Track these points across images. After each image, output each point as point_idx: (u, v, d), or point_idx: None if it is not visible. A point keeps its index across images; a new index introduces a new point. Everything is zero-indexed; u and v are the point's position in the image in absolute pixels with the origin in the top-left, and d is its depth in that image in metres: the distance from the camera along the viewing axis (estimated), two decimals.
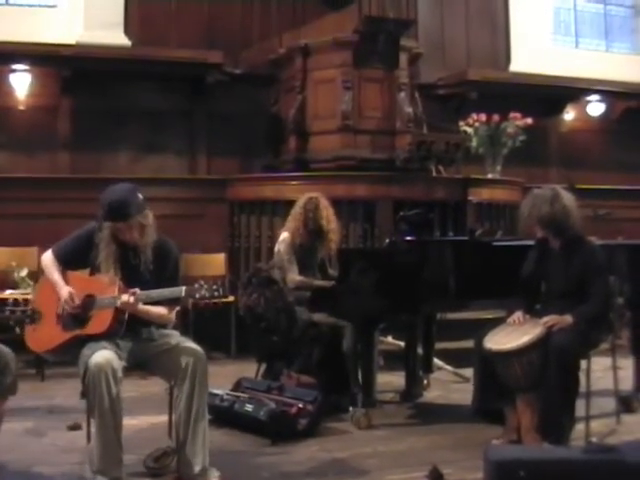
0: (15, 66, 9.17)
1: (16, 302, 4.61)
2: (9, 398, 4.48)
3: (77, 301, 4.53)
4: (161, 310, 4.64)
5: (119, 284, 4.51)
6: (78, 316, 4.53)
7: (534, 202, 5.17)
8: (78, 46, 9.29)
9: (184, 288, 4.45)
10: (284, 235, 6.64)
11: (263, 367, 6.55)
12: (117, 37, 9.68)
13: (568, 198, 5.20)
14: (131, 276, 4.57)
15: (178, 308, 4.81)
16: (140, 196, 4.60)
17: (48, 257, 4.77)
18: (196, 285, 4.42)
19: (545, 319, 5.06)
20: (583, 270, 5.12)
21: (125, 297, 4.42)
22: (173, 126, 9.94)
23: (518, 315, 5.24)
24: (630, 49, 12.71)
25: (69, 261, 4.71)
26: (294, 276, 6.44)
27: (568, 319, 5.02)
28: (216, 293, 4.42)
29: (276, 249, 6.68)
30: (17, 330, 4.98)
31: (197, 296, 4.45)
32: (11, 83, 9.28)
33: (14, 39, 8.85)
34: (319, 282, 6.47)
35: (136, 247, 4.61)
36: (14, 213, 8.28)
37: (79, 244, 4.70)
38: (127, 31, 9.84)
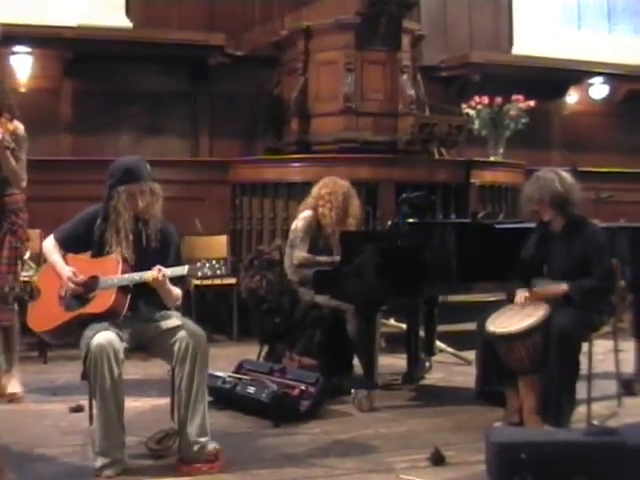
0: (16, 48, 9.14)
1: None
2: None
3: (80, 276, 4.54)
4: (178, 291, 4.68)
5: (122, 265, 4.52)
6: (80, 296, 4.54)
7: (542, 183, 5.17)
8: (80, 28, 9.26)
9: (187, 267, 4.45)
10: (307, 213, 6.53)
11: (265, 349, 6.57)
12: (119, 19, 9.68)
13: (570, 177, 5.25)
14: (141, 257, 4.59)
15: None
16: (148, 166, 4.67)
17: (49, 242, 4.79)
18: (198, 264, 4.41)
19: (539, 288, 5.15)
20: (584, 251, 5.13)
21: (154, 273, 4.43)
22: (175, 108, 9.93)
23: (524, 294, 5.23)
24: (633, 31, 12.67)
25: (70, 244, 4.73)
26: (299, 253, 6.36)
27: (564, 287, 5.07)
28: (218, 271, 4.41)
29: (294, 226, 6.57)
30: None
31: (199, 274, 4.45)
32: (12, 65, 9.25)
33: (15, 21, 8.82)
34: (322, 258, 6.38)
35: (147, 222, 4.62)
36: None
37: (80, 228, 4.72)
38: (129, 13, 9.83)
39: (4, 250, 5.69)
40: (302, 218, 6.49)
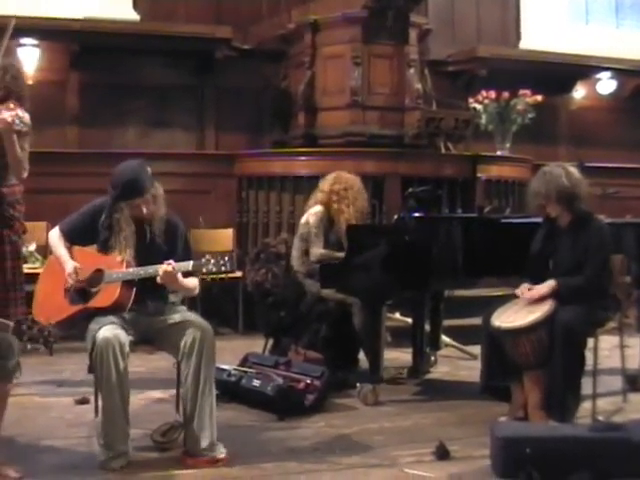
0: (23, 40, 9.13)
1: (34, 321, 4.62)
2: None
3: (80, 276, 4.56)
4: (194, 280, 4.69)
5: (127, 260, 4.53)
6: (85, 290, 4.55)
7: (549, 178, 5.16)
8: (87, 20, 9.26)
9: (191, 263, 4.45)
10: (317, 208, 6.53)
11: (270, 342, 6.57)
12: (126, 12, 9.68)
13: (577, 172, 5.24)
14: (147, 253, 4.59)
15: None
16: (149, 169, 4.64)
17: (55, 233, 4.81)
18: (203, 260, 4.40)
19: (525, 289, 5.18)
20: (587, 247, 5.12)
21: (165, 267, 4.42)
22: (181, 101, 9.92)
23: (524, 286, 5.24)
24: None
25: (75, 237, 4.75)
26: (317, 250, 6.36)
27: (551, 283, 5.07)
28: (223, 267, 4.40)
29: (304, 220, 6.57)
30: (28, 347, 4.95)
31: (204, 270, 4.45)
32: (19, 57, 9.24)
33: (22, 13, 8.81)
34: (339, 254, 6.37)
35: (151, 222, 4.62)
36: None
37: (86, 220, 4.74)
38: (136, 6, 9.83)
39: (5, 245, 5.69)
40: (313, 213, 6.48)
